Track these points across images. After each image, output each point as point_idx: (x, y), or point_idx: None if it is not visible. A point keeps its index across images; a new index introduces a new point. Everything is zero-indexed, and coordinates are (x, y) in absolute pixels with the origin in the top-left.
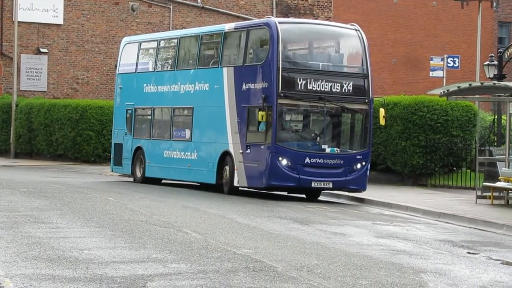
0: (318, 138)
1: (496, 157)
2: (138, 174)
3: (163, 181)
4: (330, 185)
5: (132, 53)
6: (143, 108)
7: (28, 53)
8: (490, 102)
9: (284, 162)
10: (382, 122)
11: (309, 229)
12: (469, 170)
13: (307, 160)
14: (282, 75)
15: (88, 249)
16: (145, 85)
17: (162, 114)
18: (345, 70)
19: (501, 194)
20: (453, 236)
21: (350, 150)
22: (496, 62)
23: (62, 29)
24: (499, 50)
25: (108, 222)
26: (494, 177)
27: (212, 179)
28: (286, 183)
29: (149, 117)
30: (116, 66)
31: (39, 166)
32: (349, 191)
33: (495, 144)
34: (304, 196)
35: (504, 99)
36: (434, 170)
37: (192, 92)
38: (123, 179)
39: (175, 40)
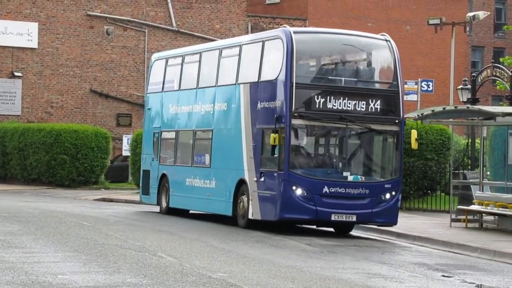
0: (339, 164)
1: (470, 180)
2: (164, 204)
3: (190, 212)
4: (354, 218)
5: (160, 71)
6: (168, 131)
7: (2, 77)
8: (464, 125)
9: (299, 191)
10: (414, 145)
11: (284, 253)
12: (444, 193)
13: (326, 189)
14: (296, 92)
15: (62, 274)
16: (170, 105)
17: (185, 138)
18: (373, 86)
19: (475, 217)
20: (427, 259)
21: (377, 178)
22: (469, 86)
23: (37, 52)
24: (473, 74)
25: (83, 246)
26: (468, 200)
27: (228, 211)
28: (301, 216)
29: (173, 141)
30: (91, 89)
31: (12, 191)
32: (377, 225)
33: (469, 167)
34: (332, 230)
35: (477, 123)
36: (408, 193)
37: (211, 112)
38: (98, 204)
39: (198, 55)
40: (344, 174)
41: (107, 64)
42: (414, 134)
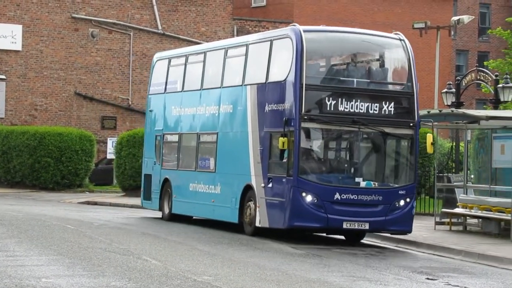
0: (351, 170)
1: (454, 183)
2: (166, 210)
3: (194, 218)
4: (366, 226)
5: (163, 71)
6: (171, 134)
7: None
8: (448, 129)
9: (309, 198)
10: (429, 149)
11: (269, 255)
12: (428, 197)
13: (337, 196)
14: (306, 94)
15: (46, 277)
16: (173, 107)
17: (188, 141)
18: (386, 87)
19: (459, 220)
20: (412, 262)
21: (391, 184)
22: (454, 90)
23: (21, 55)
24: (457, 77)
25: (67, 249)
26: (452, 203)
27: (234, 218)
28: (311, 224)
29: (176, 145)
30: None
31: None
32: (390, 233)
33: (453, 170)
34: (343, 237)
35: (462, 126)
36: None
37: (216, 115)
38: (82, 207)
39: (202, 55)
40: (357, 180)
41: (92, 66)
42: (429, 138)
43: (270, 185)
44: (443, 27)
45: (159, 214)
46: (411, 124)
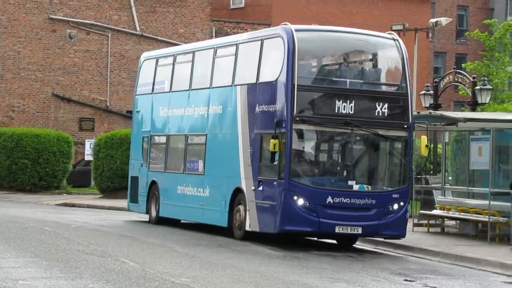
0: (343, 173)
1: (432, 185)
2: (153, 213)
3: (182, 221)
4: (359, 231)
5: (150, 71)
6: (159, 136)
7: None
8: (426, 131)
9: (301, 202)
10: (423, 152)
11: (248, 257)
12: None
13: (330, 199)
14: (297, 94)
15: (23, 280)
16: (160, 108)
17: (176, 143)
18: (380, 88)
19: (437, 222)
20: (390, 264)
21: (384, 188)
22: (432, 92)
23: None
24: (435, 80)
25: (44, 251)
26: (430, 205)
27: (224, 222)
28: (303, 228)
29: (164, 146)
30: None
31: None
32: (384, 238)
33: (431, 172)
34: (335, 242)
35: (439, 128)
36: None
37: (205, 116)
38: (60, 209)
39: (190, 55)
40: (349, 183)
41: (69, 68)
42: (424, 140)
43: (260, 188)
44: (421, 29)
45: (145, 217)
46: (405, 126)
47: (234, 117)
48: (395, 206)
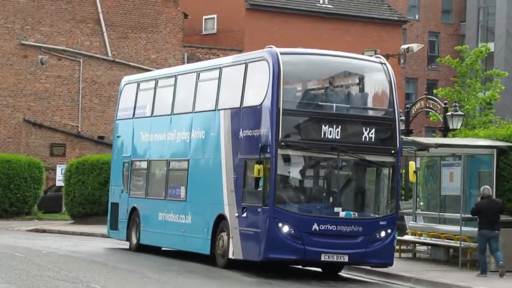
0: (330, 199)
1: (404, 210)
2: (134, 240)
3: (163, 249)
4: (345, 259)
5: (131, 96)
6: (140, 161)
7: None
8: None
9: (285, 229)
10: (412, 178)
11: (219, 283)
12: None
13: (315, 226)
14: (283, 119)
15: None
16: (142, 133)
17: (158, 169)
18: (367, 113)
19: (409, 247)
20: None
21: (371, 215)
22: (403, 117)
23: None
24: (406, 105)
25: (15, 278)
26: (402, 230)
27: (206, 249)
28: (288, 256)
29: (145, 172)
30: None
31: None
32: (370, 266)
33: (403, 198)
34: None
35: (411, 154)
36: None
37: (188, 141)
38: (31, 234)
39: (173, 79)
40: (336, 210)
41: (41, 93)
42: (412, 166)
43: (244, 215)
44: (392, 55)
45: (125, 244)
46: (393, 152)
47: (217, 142)
48: (382, 234)
